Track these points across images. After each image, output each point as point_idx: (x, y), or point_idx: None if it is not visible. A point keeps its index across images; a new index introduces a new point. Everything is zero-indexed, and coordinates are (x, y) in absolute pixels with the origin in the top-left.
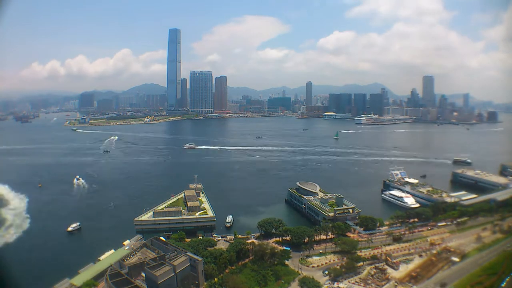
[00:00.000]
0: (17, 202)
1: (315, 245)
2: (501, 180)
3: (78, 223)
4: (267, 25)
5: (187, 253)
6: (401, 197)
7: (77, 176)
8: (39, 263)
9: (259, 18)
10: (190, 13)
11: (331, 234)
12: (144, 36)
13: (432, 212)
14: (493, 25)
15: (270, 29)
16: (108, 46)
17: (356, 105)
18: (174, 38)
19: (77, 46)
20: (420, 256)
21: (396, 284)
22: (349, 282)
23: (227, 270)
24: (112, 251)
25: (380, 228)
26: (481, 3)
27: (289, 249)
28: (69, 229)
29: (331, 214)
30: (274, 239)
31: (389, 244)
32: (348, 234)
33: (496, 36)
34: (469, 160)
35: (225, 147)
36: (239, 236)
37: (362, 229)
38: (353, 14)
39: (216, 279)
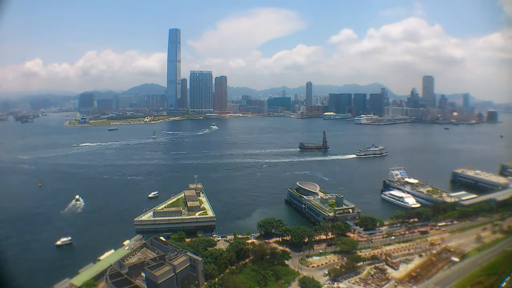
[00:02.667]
0: None
1: (315, 245)
2: (501, 180)
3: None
4: (280, 19)
5: (187, 253)
6: (401, 197)
7: None
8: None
9: (275, 11)
10: (194, 9)
11: (331, 234)
12: (144, 35)
13: (432, 212)
14: (493, 27)
15: (284, 24)
16: (108, 46)
17: (356, 105)
18: (174, 38)
19: (77, 46)
20: (420, 256)
21: (396, 284)
22: (349, 282)
23: (227, 270)
24: (112, 251)
25: (380, 228)
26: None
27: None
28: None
29: (331, 214)
30: (274, 239)
31: (389, 244)
32: (348, 234)
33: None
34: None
35: None
36: (239, 236)
37: (362, 229)
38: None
39: (216, 279)
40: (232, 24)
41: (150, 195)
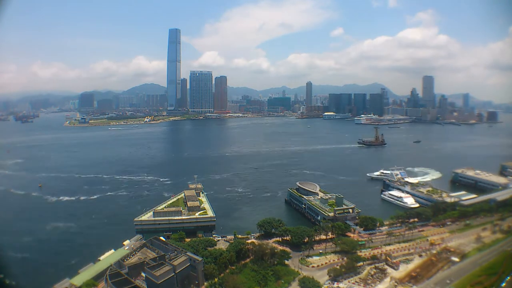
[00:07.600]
0: None
1: (315, 245)
2: (501, 180)
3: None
4: (298, 12)
5: (187, 253)
6: (401, 197)
7: None
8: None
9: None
10: (195, 6)
11: (331, 234)
12: (144, 35)
13: (432, 212)
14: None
15: (293, 20)
16: (108, 46)
17: (356, 105)
18: (174, 38)
19: (77, 46)
20: (420, 256)
21: (396, 284)
22: (349, 282)
23: (227, 270)
24: (112, 251)
25: (380, 228)
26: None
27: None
28: None
29: (331, 214)
30: (274, 239)
31: (389, 244)
32: (348, 234)
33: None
34: None
35: None
36: (239, 236)
37: (362, 229)
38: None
39: (216, 279)
40: (236, 18)
41: None
